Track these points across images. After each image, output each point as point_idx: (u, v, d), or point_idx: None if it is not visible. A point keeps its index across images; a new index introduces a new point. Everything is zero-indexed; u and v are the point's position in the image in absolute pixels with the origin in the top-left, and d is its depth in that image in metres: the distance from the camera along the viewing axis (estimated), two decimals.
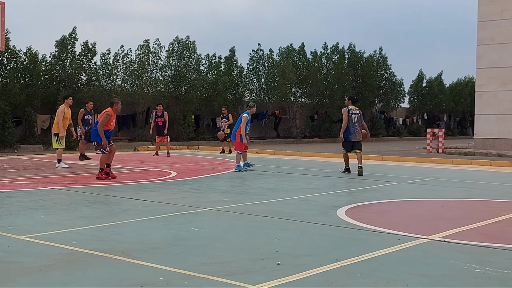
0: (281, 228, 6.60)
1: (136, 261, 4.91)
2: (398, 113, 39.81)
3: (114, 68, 23.79)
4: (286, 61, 30.28)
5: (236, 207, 7.94)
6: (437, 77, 41.44)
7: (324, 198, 9.01)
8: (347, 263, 4.94)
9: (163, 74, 26.20)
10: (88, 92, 21.79)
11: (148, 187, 10.27)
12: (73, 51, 22.41)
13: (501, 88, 22.46)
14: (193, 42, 26.73)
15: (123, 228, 6.40)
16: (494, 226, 6.89)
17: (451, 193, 10.03)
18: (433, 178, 12.56)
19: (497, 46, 22.57)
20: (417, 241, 5.88)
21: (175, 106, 25.90)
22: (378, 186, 10.80)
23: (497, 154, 20.01)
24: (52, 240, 5.68)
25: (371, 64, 35.27)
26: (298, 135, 31.13)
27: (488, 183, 11.83)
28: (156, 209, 7.65)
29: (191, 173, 12.82)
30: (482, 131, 23.05)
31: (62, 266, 4.76)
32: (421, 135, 35.66)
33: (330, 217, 7.27)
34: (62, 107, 13.82)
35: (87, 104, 16.89)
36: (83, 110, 16.66)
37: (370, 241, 5.95)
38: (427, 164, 16.82)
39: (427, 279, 4.54)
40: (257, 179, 11.88)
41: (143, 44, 25.35)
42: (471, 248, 5.64)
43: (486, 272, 4.77)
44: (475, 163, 16.99)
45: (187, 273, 4.55)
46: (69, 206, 7.92)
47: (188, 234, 6.14)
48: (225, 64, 28.70)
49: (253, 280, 4.38)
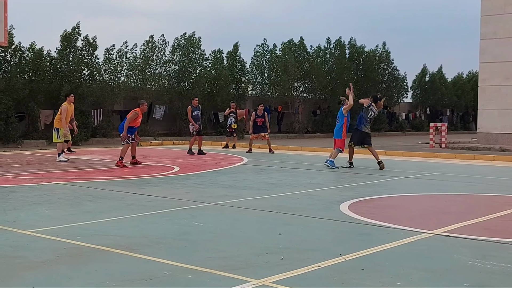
0: (285, 223, 6.61)
1: (140, 256, 4.92)
2: (401, 108, 39.73)
3: (118, 64, 23.78)
4: (288, 56, 30.24)
5: (239, 202, 7.95)
6: (438, 71, 41.34)
7: (327, 193, 9.01)
8: (350, 257, 4.95)
9: (166, 69, 26.20)
10: (90, 87, 21.80)
11: (151, 182, 10.29)
12: (76, 46, 22.43)
13: (504, 82, 22.39)
14: (198, 38, 26.73)
15: (126, 223, 6.41)
16: (498, 220, 6.89)
17: (454, 188, 10.02)
18: (436, 172, 12.56)
19: (500, 41, 22.49)
20: (421, 236, 5.89)
21: (178, 101, 25.91)
22: (381, 181, 10.80)
23: (500, 148, 19.98)
24: (57, 234, 5.70)
25: (373, 59, 35.20)
26: (301, 130, 31.12)
27: (491, 177, 11.82)
28: (160, 204, 7.66)
29: (194, 168, 12.83)
30: (485, 126, 23.00)
31: (66, 261, 4.78)
32: (424, 130, 35.61)
33: (334, 211, 7.28)
34: (65, 105, 14.31)
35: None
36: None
37: (373, 235, 5.95)
38: (430, 159, 16.81)
39: (431, 273, 4.54)
40: (260, 174, 11.88)
41: (148, 40, 25.34)
42: (475, 243, 5.65)
43: (490, 266, 4.77)
44: (478, 157, 16.97)
45: (191, 268, 4.56)
46: (73, 201, 7.94)
47: (192, 229, 6.15)
48: (228, 59, 28.68)
49: (257, 274, 4.39)
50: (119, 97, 23.33)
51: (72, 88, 21.15)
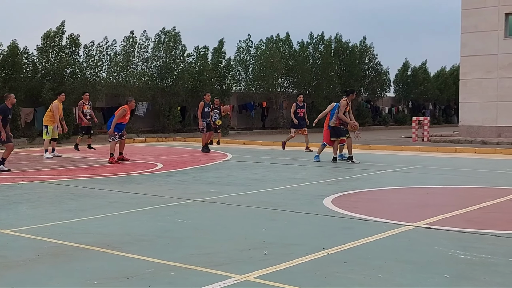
0: (268, 218, 6.61)
1: (122, 254, 4.89)
2: (384, 102, 39.93)
3: (99, 60, 23.56)
4: (273, 52, 30.21)
5: (223, 198, 7.94)
6: (422, 66, 41.63)
7: (311, 188, 9.04)
8: (333, 251, 4.97)
9: (148, 65, 26.02)
10: (72, 84, 21.58)
11: (134, 179, 10.23)
12: (60, 45, 22.16)
13: (485, 76, 22.62)
14: (178, 33, 26.56)
15: (109, 221, 6.37)
16: (478, 212, 6.96)
17: (436, 181, 10.11)
18: (418, 166, 12.66)
19: (481, 34, 22.70)
20: (403, 228, 5.93)
21: (161, 98, 25.76)
22: (364, 175, 10.86)
23: (481, 141, 20.20)
24: (37, 233, 5.64)
25: (357, 54, 35.31)
26: (285, 126, 31.12)
27: (472, 170, 11.94)
28: (143, 202, 7.62)
29: (177, 165, 12.78)
30: (467, 119, 23.23)
31: (47, 260, 4.73)
32: (407, 123, 35.83)
33: (317, 206, 7.30)
34: (56, 103, 14.75)
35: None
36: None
37: (356, 229, 5.98)
38: (413, 152, 16.94)
39: (412, 265, 4.58)
40: (244, 170, 11.88)
41: (129, 36, 25.12)
42: (455, 234, 5.70)
43: (470, 257, 4.82)
44: (460, 150, 17.14)
45: (174, 265, 4.54)
46: (54, 200, 7.86)
47: (175, 226, 6.13)
48: (213, 55, 28.57)
49: (240, 270, 4.39)
50: (101, 93, 23.11)
51: (54, 87, 20.92)
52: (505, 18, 22.36)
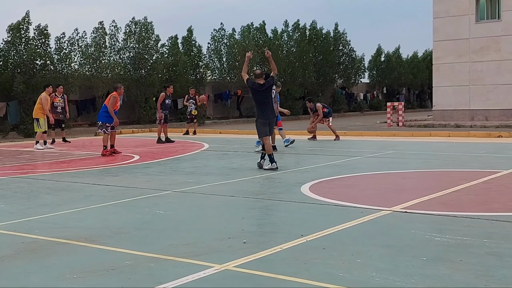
0: (247, 207, 6.63)
1: (101, 247, 4.87)
2: (359, 89, 40.20)
3: (70, 52, 23.18)
4: (248, 40, 30.12)
5: (201, 188, 7.93)
6: (395, 51, 41.97)
7: (288, 175, 9.08)
8: (312, 238, 5.02)
9: (121, 56, 25.69)
10: (44, 76, 21.21)
11: (111, 171, 10.15)
12: (27, 36, 21.72)
13: (457, 60, 22.93)
14: (150, 22, 26.26)
15: (86, 214, 6.32)
16: (453, 195, 7.09)
17: (411, 165, 10.25)
18: (394, 151, 12.81)
19: (452, 19, 22.97)
20: (380, 213, 6.01)
21: (136, 89, 25.50)
22: (341, 161, 10.95)
23: (455, 125, 20.51)
24: (14, 229, 5.57)
25: (330, 41, 35.42)
26: None
27: (447, 153, 12.14)
28: (120, 194, 7.57)
29: (154, 156, 12.71)
30: (440, 103, 23.55)
31: (25, 255, 4.68)
32: (382, 109, 36.16)
33: (295, 194, 7.35)
34: (45, 94, 15.22)
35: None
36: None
37: (334, 215, 6.05)
38: (388, 138, 17.12)
39: (390, 249, 4.65)
40: (221, 159, 11.87)
41: (98, 27, 24.73)
42: (431, 218, 5.80)
43: (446, 240, 4.91)
44: (434, 134, 17.39)
45: (153, 256, 4.54)
46: (30, 195, 7.76)
47: (153, 217, 6.11)
48: (183, 44, 28.34)
49: (220, 259, 4.40)
50: (74, 86, 22.76)
51: (25, 79, 20.55)
52: (476, 2, 22.66)
